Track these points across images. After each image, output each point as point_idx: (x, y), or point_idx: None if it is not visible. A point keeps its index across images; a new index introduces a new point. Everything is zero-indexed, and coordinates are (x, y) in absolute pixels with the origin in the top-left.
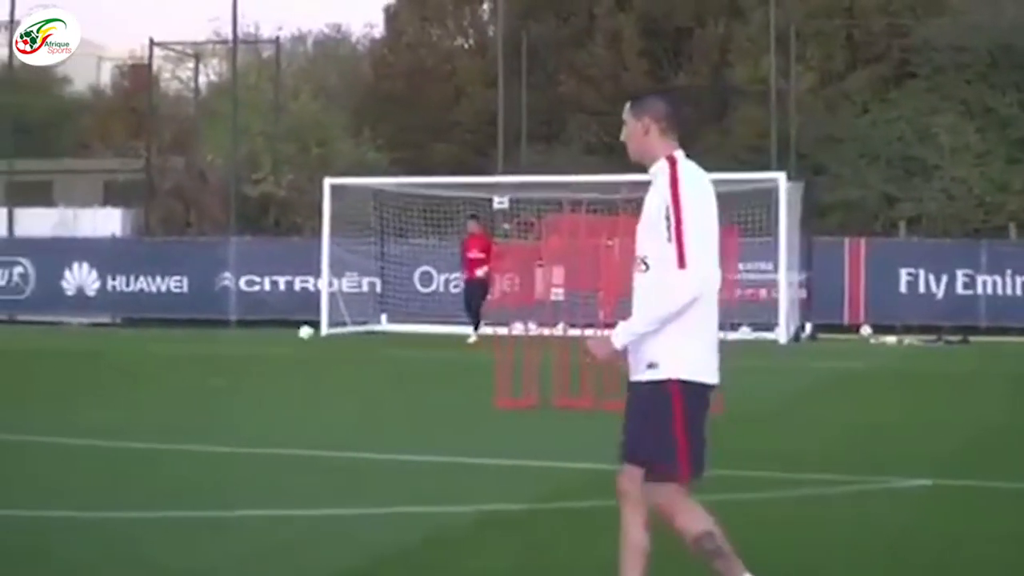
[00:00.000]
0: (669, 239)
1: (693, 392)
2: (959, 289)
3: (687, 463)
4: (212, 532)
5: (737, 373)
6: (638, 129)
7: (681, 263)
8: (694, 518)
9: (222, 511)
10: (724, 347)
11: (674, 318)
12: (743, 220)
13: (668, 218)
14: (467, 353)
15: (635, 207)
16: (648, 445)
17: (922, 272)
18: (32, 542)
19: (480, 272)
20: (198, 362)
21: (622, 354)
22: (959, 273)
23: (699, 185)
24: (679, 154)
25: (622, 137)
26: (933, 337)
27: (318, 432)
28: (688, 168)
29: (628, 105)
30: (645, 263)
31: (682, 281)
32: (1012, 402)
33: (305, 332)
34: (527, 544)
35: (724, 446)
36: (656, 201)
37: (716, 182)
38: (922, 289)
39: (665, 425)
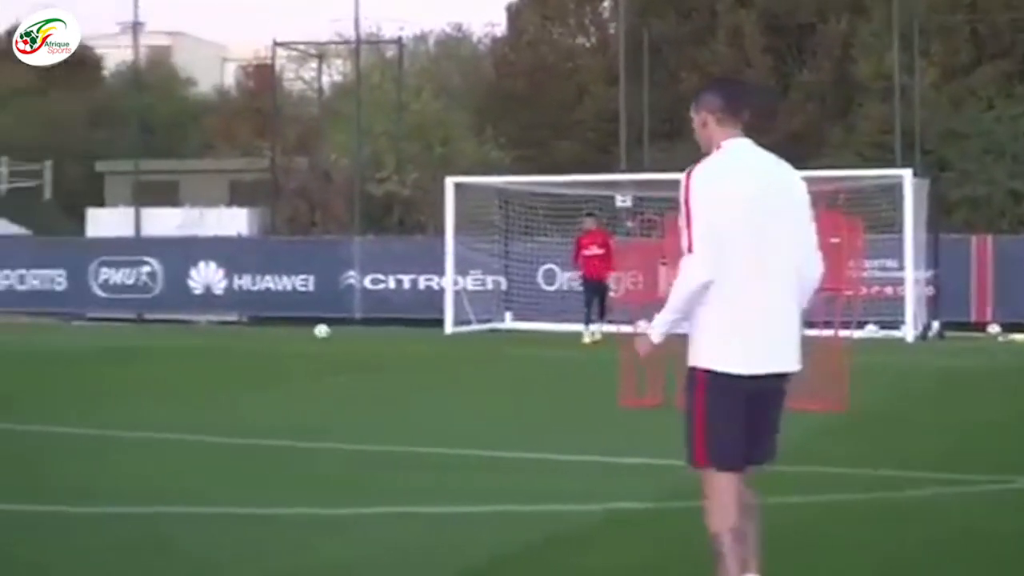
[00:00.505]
0: (684, 226)
1: (718, 381)
2: None
3: (702, 451)
4: (336, 529)
5: (863, 371)
6: (698, 123)
7: (689, 248)
8: (720, 513)
9: (347, 508)
10: (850, 345)
11: (694, 300)
12: (868, 217)
13: (681, 206)
14: (591, 352)
15: None
16: (684, 428)
17: None
18: (156, 537)
19: (601, 272)
20: (323, 360)
21: (661, 347)
22: None
23: (719, 172)
24: (728, 142)
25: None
26: None
27: (442, 429)
28: (724, 153)
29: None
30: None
31: (689, 264)
32: None
33: (321, 330)
34: (652, 542)
35: (849, 445)
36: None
37: (841, 178)
38: None
39: (690, 410)
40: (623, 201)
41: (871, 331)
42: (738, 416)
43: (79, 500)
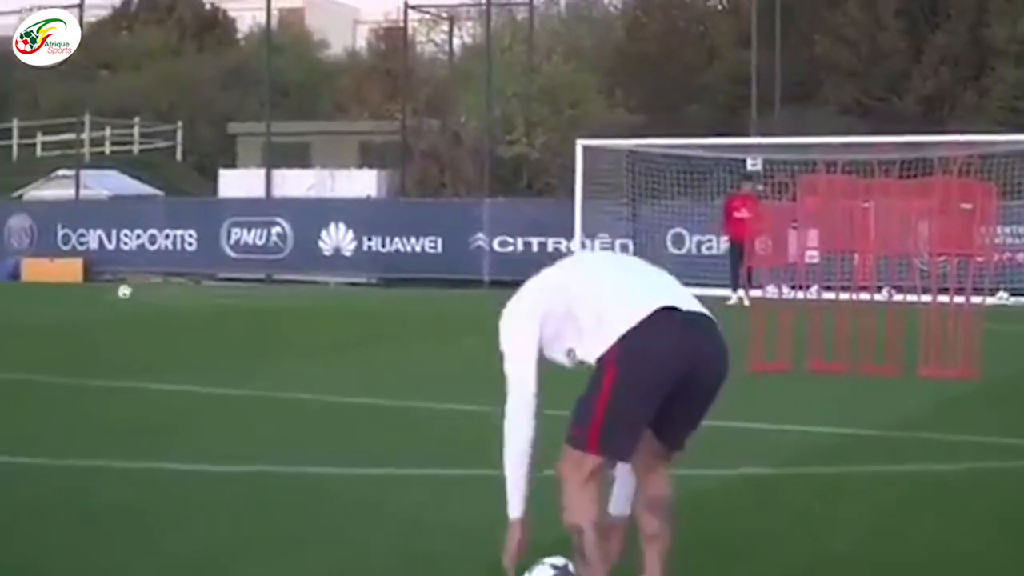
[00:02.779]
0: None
1: (633, 347)
2: None
3: (597, 437)
4: (465, 489)
5: (994, 338)
6: None
7: None
8: (584, 502)
9: (479, 469)
10: (982, 312)
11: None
12: (1003, 182)
13: None
14: (723, 314)
15: (893, 169)
16: (576, 409)
17: None
18: (288, 497)
19: (744, 235)
20: (453, 321)
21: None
22: None
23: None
24: None
25: None
26: None
27: (569, 392)
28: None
29: None
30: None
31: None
32: None
33: (124, 291)
34: (777, 507)
35: (984, 412)
36: None
37: (973, 144)
38: None
39: (594, 391)
40: (754, 164)
41: (1002, 298)
42: (649, 398)
43: (219, 459)
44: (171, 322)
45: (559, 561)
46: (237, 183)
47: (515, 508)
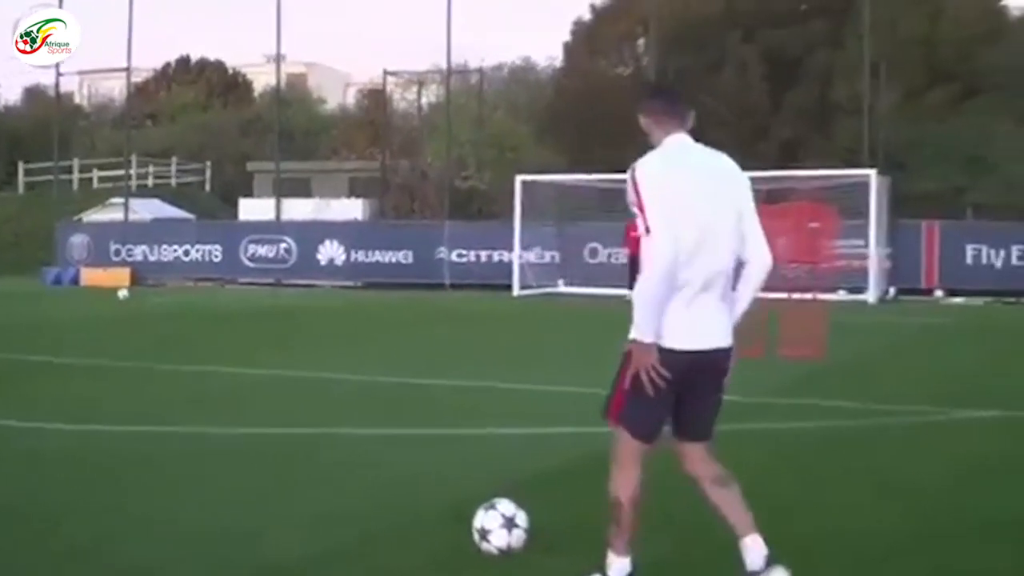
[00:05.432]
0: (639, 214)
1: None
2: (1014, 261)
3: (619, 409)
4: (467, 445)
5: (836, 327)
6: (644, 125)
7: (648, 229)
8: (626, 481)
9: (475, 429)
10: (826, 305)
11: (662, 283)
12: (842, 206)
13: (633, 197)
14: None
15: (760, 197)
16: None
17: (984, 247)
18: (291, 453)
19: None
20: (423, 314)
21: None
22: (1014, 248)
23: (666, 162)
24: (667, 139)
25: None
26: (992, 299)
27: (524, 369)
28: (664, 149)
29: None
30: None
31: (652, 245)
32: None
33: (122, 293)
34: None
35: (829, 384)
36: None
37: (820, 177)
38: (984, 261)
39: (621, 369)
40: None
41: (842, 296)
42: (668, 392)
43: (234, 423)
44: (208, 318)
45: (509, 511)
46: (253, 209)
47: (642, 335)
